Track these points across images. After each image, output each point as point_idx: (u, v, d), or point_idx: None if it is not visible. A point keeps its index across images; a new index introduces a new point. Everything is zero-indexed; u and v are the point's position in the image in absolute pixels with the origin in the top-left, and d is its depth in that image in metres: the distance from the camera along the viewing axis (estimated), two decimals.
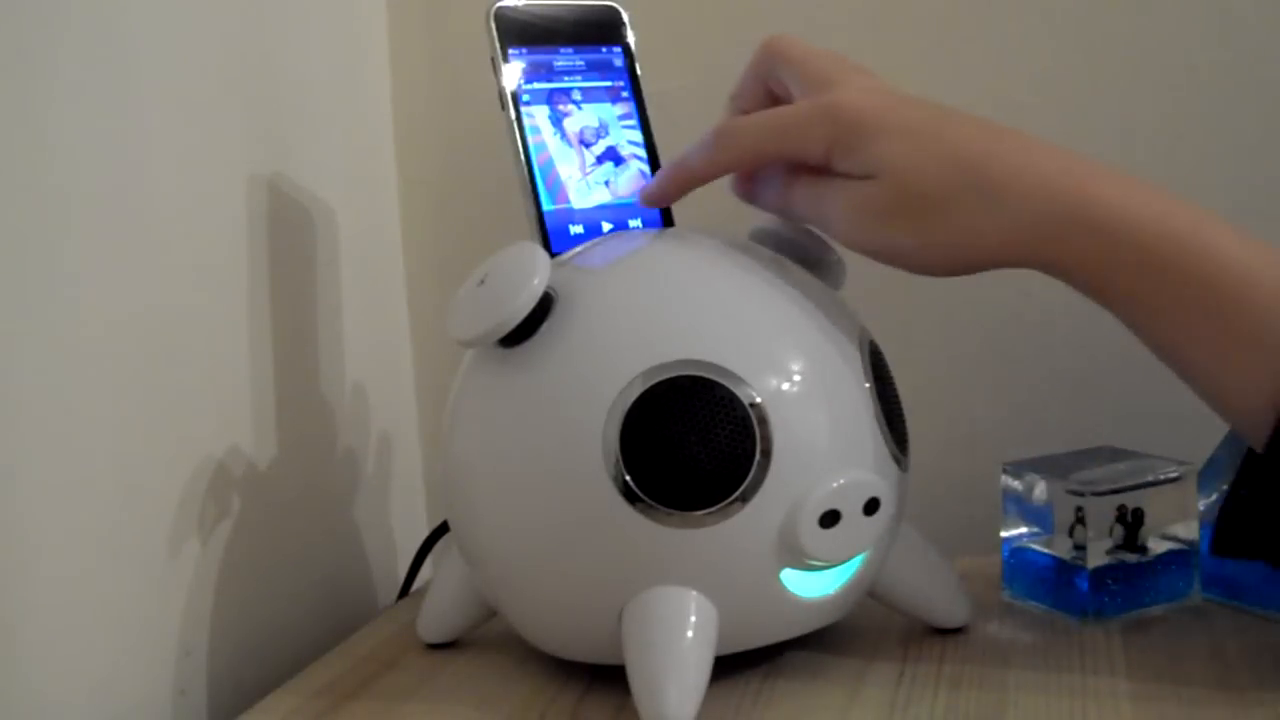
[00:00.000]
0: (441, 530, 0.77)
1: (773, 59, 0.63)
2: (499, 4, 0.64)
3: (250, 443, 0.70)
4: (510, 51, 0.64)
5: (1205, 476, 0.68)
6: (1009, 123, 0.81)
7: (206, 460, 0.66)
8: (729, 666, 0.60)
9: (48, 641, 0.56)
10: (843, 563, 0.60)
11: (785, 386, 0.57)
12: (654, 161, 0.67)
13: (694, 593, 0.57)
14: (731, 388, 0.56)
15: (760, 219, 0.66)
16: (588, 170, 0.65)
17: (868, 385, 0.60)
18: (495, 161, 0.67)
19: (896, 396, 0.62)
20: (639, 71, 0.68)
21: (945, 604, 0.65)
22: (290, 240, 0.75)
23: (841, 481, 0.57)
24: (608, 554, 0.57)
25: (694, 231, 0.66)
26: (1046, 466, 0.67)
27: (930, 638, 0.65)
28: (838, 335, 0.61)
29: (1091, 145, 0.81)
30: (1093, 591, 0.65)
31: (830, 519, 0.57)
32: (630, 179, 0.67)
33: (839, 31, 0.82)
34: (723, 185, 0.83)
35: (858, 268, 0.66)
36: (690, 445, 0.56)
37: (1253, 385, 0.55)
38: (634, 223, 0.66)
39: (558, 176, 0.64)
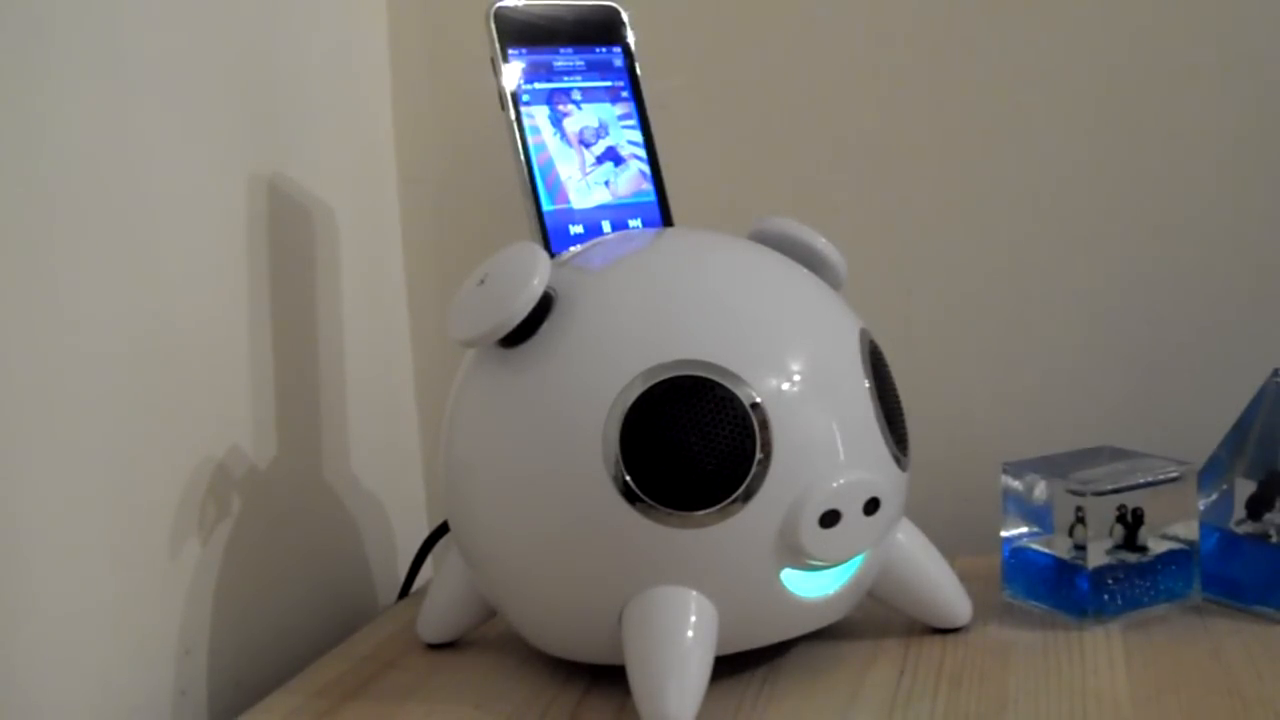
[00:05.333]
0: (441, 530, 0.77)
1: None
2: (499, 4, 0.64)
3: (250, 443, 0.70)
4: (510, 52, 0.64)
5: (1205, 476, 0.68)
6: (1009, 123, 0.81)
7: (206, 461, 0.66)
8: (729, 666, 0.60)
9: (48, 641, 0.56)
10: (843, 563, 0.60)
11: (785, 386, 0.57)
12: (654, 161, 0.67)
13: (694, 593, 0.57)
14: (731, 388, 0.56)
15: (760, 219, 0.66)
16: (588, 170, 0.65)
17: (868, 385, 0.60)
18: (495, 161, 0.67)
19: (896, 396, 0.62)
20: (639, 71, 0.68)
21: (945, 604, 0.65)
22: (290, 240, 0.75)
23: (841, 481, 0.57)
24: (608, 554, 0.57)
25: (694, 231, 0.66)
26: (1046, 466, 0.67)
27: (930, 638, 0.65)
28: (838, 335, 0.61)
29: (1092, 145, 0.81)
30: (1093, 591, 0.65)
31: (830, 519, 0.57)
32: (630, 179, 0.67)
33: (839, 31, 0.82)
34: (722, 185, 0.83)
35: (858, 268, 0.66)
36: (690, 445, 0.56)
37: None
38: (634, 223, 0.66)
39: (558, 176, 0.64)
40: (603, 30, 0.67)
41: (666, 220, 0.67)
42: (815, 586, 0.60)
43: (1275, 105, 0.79)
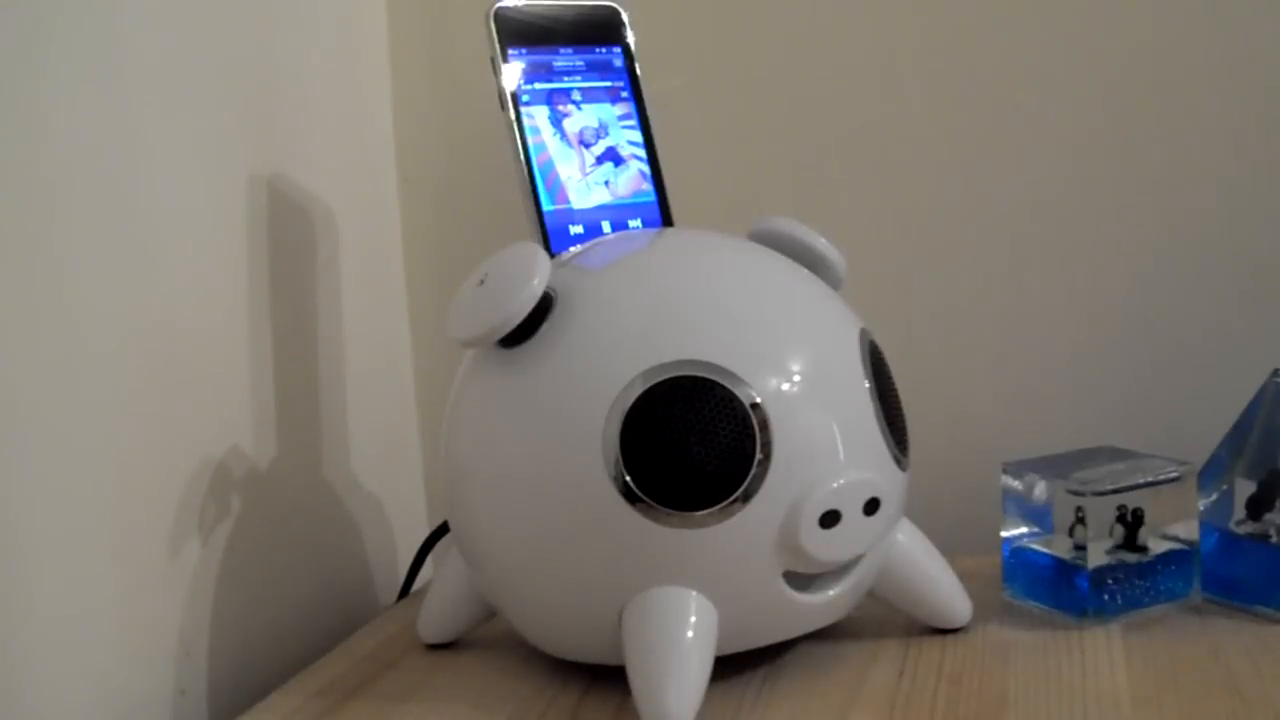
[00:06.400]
0: (441, 530, 0.77)
1: None
2: (499, 4, 0.64)
3: (250, 443, 0.70)
4: (510, 52, 0.64)
5: (1205, 476, 0.68)
6: (1009, 123, 0.81)
7: (206, 461, 0.66)
8: (729, 666, 0.60)
9: (47, 641, 0.56)
10: (843, 563, 0.60)
11: (785, 386, 0.57)
12: (654, 161, 0.67)
13: (694, 593, 0.57)
14: (731, 388, 0.56)
15: (760, 219, 0.66)
16: (587, 170, 0.65)
17: (868, 385, 0.60)
18: (495, 161, 0.67)
19: (896, 396, 0.62)
20: (639, 71, 0.68)
21: (945, 604, 0.65)
22: (290, 240, 0.75)
23: (841, 481, 0.57)
24: (608, 554, 0.57)
25: (694, 231, 0.66)
26: (1046, 466, 0.67)
27: (930, 637, 0.65)
28: (838, 335, 0.61)
29: (1092, 145, 0.81)
30: (1093, 591, 0.65)
31: (830, 519, 0.57)
32: (630, 179, 0.67)
33: (839, 31, 0.82)
34: (722, 185, 0.84)
35: (858, 267, 0.66)
36: (690, 445, 0.56)
37: None
38: (634, 223, 0.66)
39: (558, 176, 0.64)
40: (603, 30, 0.67)
41: (666, 220, 0.67)
42: (815, 587, 0.60)
43: (1275, 105, 0.79)
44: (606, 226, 0.65)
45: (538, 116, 0.64)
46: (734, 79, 0.84)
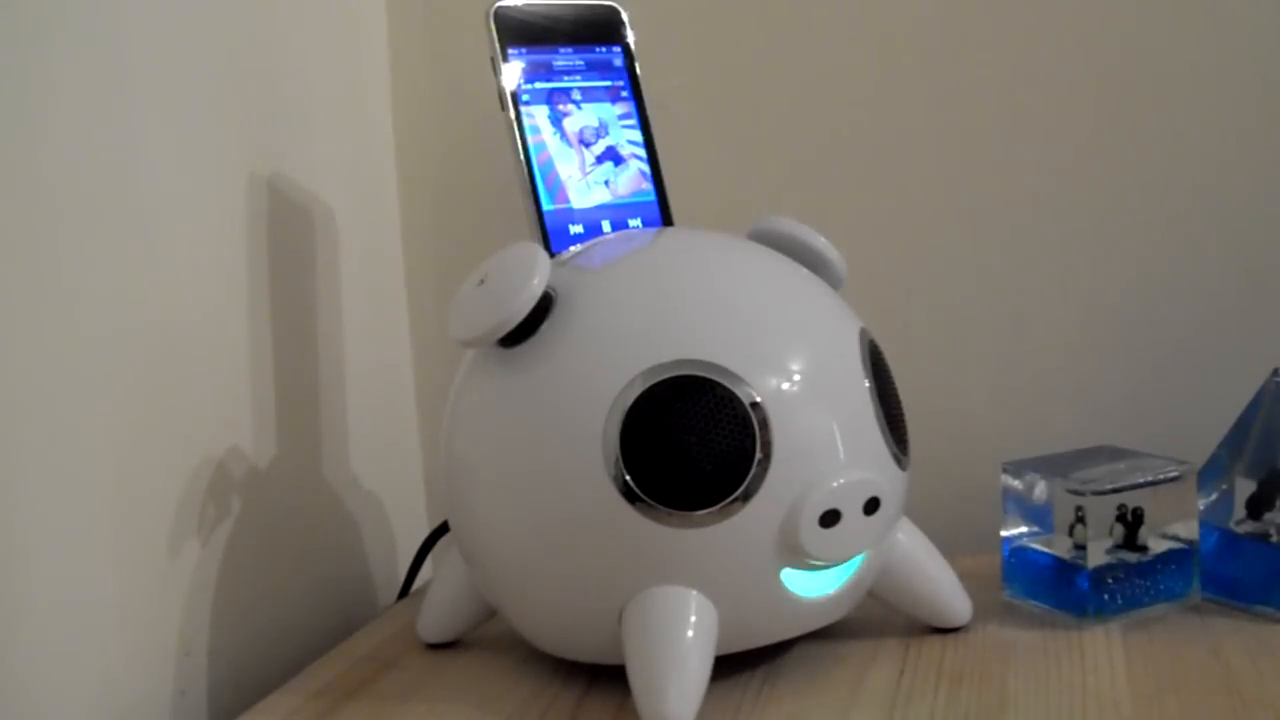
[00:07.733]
0: (441, 530, 0.77)
1: None
2: (499, 4, 0.64)
3: (250, 443, 0.70)
4: (510, 51, 0.64)
5: (1205, 476, 0.68)
6: (1008, 123, 0.81)
7: (206, 460, 0.66)
8: (729, 666, 0.60)
9: (48, 641, 0.56)
10: (843, 562, 0.60)
11: (785, 386, 0.57)
12: (654, 161, 0.67)
13: (694, 593, 0.57)
14: (731, 387, 0.56)
15: (760, 219, 0.66)
16: (587, 170, 0.65)
17: (867, 385, 0.60)
18: (495, 161, 0.67)
19: (896, 396, 0.62)
20: (639, 71, 0.68)
21: (945, 604, 0.65)
22: (290, 240, 0.75)
23: (841, 481, 0.57)
24: (608, 554, 0.57)
25: (694, 231, 0.66)
26: (1046, 466, 0.67)
27: (930, 637, 0.65)
28: (838, 335, 0.61)
29: (1092, 145, 0.81)
30: (1093, 591, 0.65)
31: (830, 519, 0.57)
32: (630, 179, 0.67)
33: (839, 31, 0.83)
34: (722, 185, 0.84)
35: (858, 268, 0.66)
36: (690, 445, 0.56)
37: None
38: (634, 222, 0.66)
39: (558, 176, 0.64)
40: (603, 30, 0.67)
41: (666, 220, 0.67)
42: (815, 586, 0.60)
43: (1275, 105, 0.79)
44: (606, 226, 0.65)
45: (538, 116, 0.64)
46: (734, 79, 0.84)
